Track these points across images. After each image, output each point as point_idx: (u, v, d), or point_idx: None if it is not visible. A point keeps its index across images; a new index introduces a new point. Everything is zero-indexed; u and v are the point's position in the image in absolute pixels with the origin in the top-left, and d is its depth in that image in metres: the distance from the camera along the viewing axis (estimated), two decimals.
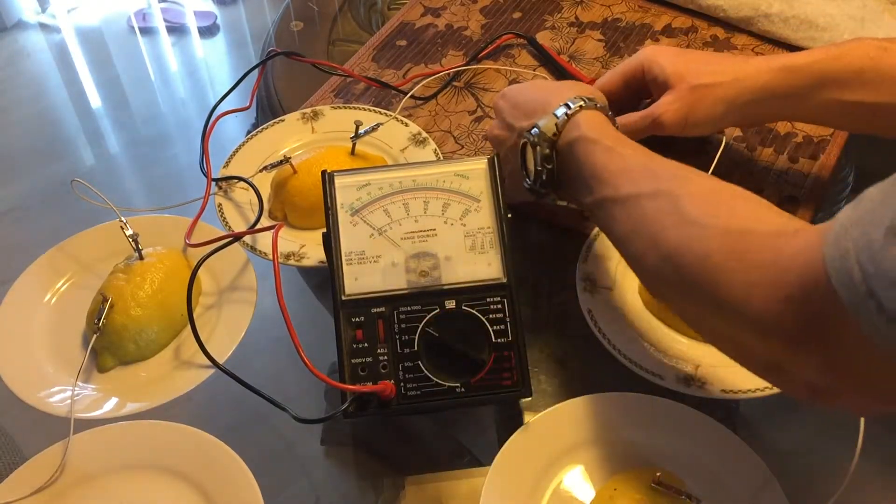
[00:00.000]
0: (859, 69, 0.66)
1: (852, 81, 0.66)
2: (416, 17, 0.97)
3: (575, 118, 0.60)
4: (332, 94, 0.88)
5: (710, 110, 0.69)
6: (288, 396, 0.59)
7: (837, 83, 0.66)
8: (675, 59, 0.70)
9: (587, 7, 0.98)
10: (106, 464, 0.59)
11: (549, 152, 0.60)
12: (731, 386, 0.61)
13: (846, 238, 0.38)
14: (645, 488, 0.54)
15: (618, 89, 0.75)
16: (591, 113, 0.60)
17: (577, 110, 0.60)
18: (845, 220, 0.39)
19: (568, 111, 0.60)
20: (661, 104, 0.70)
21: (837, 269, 0.38)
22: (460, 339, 0.57)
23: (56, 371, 0.64)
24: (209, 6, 1.19)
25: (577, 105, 0.60)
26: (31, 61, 1.12)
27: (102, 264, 0.70)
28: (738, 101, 0.68)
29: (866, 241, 0.37)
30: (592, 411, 0.60)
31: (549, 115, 0.61)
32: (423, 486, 0.62)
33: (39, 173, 0.94)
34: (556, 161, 0.60)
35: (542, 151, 0.60)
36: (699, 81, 0.69)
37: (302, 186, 0.71)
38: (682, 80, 0.69)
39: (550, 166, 0.60)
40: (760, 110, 0.70)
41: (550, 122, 0.60)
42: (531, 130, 0.61)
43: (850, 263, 0.37)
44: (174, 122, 1.03)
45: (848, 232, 0.38)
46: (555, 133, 0.60)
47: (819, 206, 0.75)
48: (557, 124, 0.60)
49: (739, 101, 0.68)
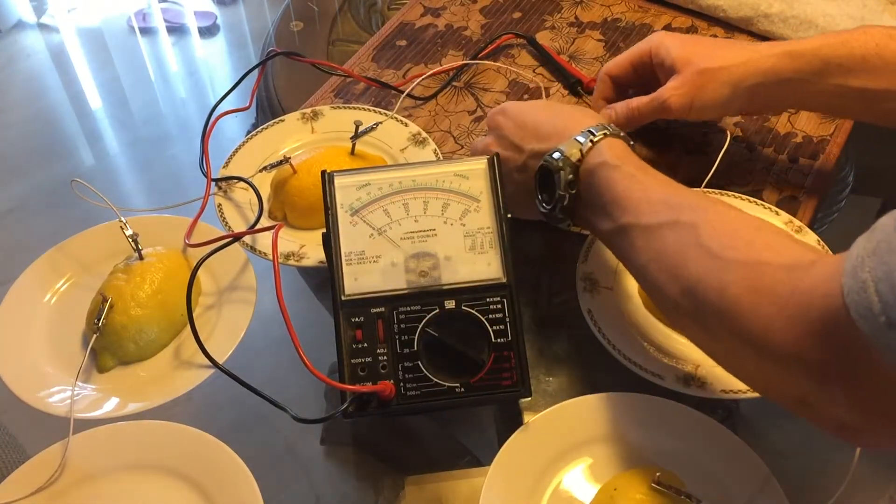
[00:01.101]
0: (864, 55, 0.66)
1: (857, 67, 0.66)
2: (416, 17, 0.97)
3: (598, 145, 0.59)
4: (332, 94, 0.88)
5: (716, 93, 0.69)
6: (288, 396, 0.59)
7: (842, 69, 0.66)
8: (683, 44, 0.71)
9: (587, 7, 0.98)
10: (106, 464, 0.59)
11: (572, 178, 0.60)
12: (731, 386, 0.61)
13: (863, 269, 0.37)
14: (645, 488, 0.54)
15: (626, 73, 0.76)
16: (614, 140, 0.60)
17: (602, 137, 0.60)
18: (861, 250, 0.38)
19: (592, 137, 0.60)
20: (668, 88, 0.70)
21: (856, 301, 0.37)
22: (460, 340, 0.57)
23: (56, 371, 0.64)
24: (209, 6, 1.18)
25: (601, 132, 0.60)
26: (31, 62, 1.12)
27: (102, 264, 0.70)
28: (743, 85, 0.68)
29: (884, 270, 0.36)
30: (592, 411, 0.60)
31: (570, 140, 0.60)
32: (423, 486, 0.62)
33: (39, 173, 0.93)
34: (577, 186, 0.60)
35: (566, 177, 0.59)
36: (705, 65, 0.69)
37: (302, 186, 0.71)
38: (688, 64, 0.69)
39: (573, 191, 0.60)
40: (766, 95, 0.69)
41: (574, 148, 0.60)
42: (552, 154, 0.60)
43: (868, 294, 0.36)
44: (174, 122, 1.03)
45: (864, 262, 0.37)
46: (579, 159, 0.59)
47: (819, 206, 0.75)
48: (582, 150, 0.59)
49: (745, 85, 0.68)
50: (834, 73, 0.67)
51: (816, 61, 0.67)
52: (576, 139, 0.60)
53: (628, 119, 0.73)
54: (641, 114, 0.72)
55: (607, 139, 0.60)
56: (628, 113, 0.73)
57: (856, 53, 0.66)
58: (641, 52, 0.74)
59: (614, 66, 0.76)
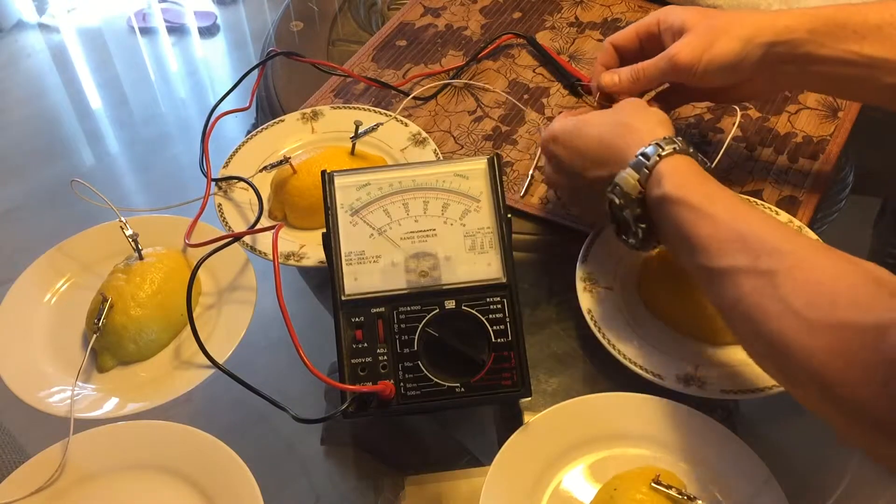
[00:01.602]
0: (879, 24, 0.64)
1: (871, 35, 0.64)
2: (416, 17, 0.97)
3: (656, 171, 0.56)
4: (332, 94, 0.88)
5: (726, 48, 0.65)
6: (288, 396, 0.59)
7: (857, 35, 0.65)
8: (693, 9, 0.68)
9: (587, 7, 0.98)
10: (106, 464, 0.59)
11: (640, 211, 0.57)
12: (731, 386, 0.61)
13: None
14: (645, 488, 0.54)
15: (631, 44, 0.72)
16: (673, 161, 0.56)
17: (657, 161, 0.56)
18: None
19: (647, 164, 0.56)
20: (677, 44, 0.66)
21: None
22: (460, 339, 0.57)
23: (56, 371, 0.64)
24: (209, 6, 1.18)
25: (654, 155, 0.56)
26: (31, 62, 1.12)
27: (102, 264, 0.70)
28: (755, 41, 0.65)
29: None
30: (592, 411, 0.60)
31: (625, 167, 0.57)
32: (423, 486, 0.62)
33: (39, 173, 0.94)
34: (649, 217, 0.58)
35: (634, 212, 0.57)
36: (717, 20, 0.66)
37: (302, 186, 0.71)
38: (699, 22, 0.66)
39: (645, 225, 0.58)
40: (778, 59, 0.66)
41: (631, 180, 0.57)
42: (613, 189, 0.58)
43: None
44: (174, 122, 1.03)
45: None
46: (640, 191, 0.57)
47: (819, 206, 0.75)
48: (640, 181, 0.57)
49: (757, 41, 0.65)
50: (848, 38, 0.65)
51: (831, 23, 0.65)
52: (631, 167, 0.57)
53: (633, 82, 0.69)
54: (647, 75, 0.68)
55: (664, 162, 0.56)
56: (633, 75, 0.69)
57: (871, 21, 0.64)
58: (649, 23, 0.70)
59: (619, 37, 0.72)
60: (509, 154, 0.81)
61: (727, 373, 0.62)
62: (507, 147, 0.82)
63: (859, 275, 0.47)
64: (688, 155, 0.58)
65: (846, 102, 0.83)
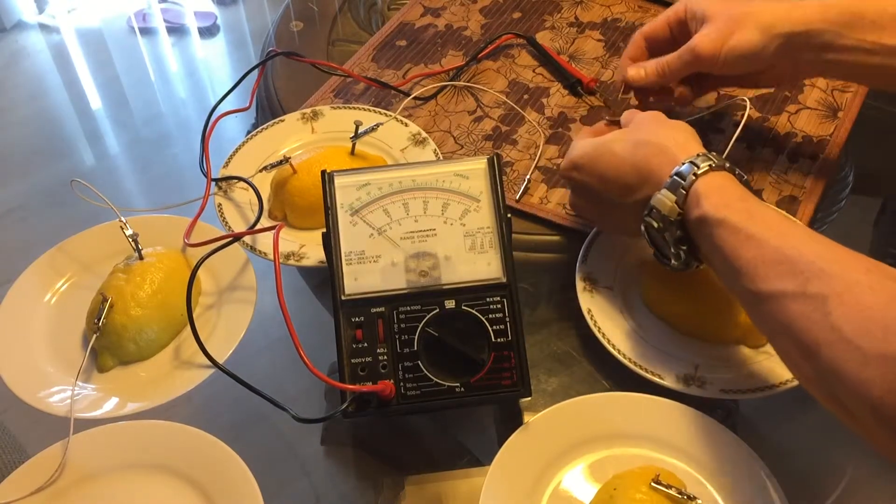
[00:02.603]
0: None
1: (890, 25, 0.64)
2: (416, 17, 0.97)
3: (693, 191, 0.55)
4: (332, 94, 0.88)
5: (746, 38, 0.67)
6: (288, 396, 0.59)
7: (875, 25, 0.65)
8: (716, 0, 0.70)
9: (587, 7, 0.98)
10: (106, 463, 0.59)
11: (681, 234, 0.56)
12: (731, 386, 0.61)
13: None
14: (645, 488, 0.54)
15: (662, 32, 0.74)
16: (710, 180, 0.55)
17: (693, 181, 0.55)
18: None
19: (683, 184, 0.55)
20: (698, 35, 0.68)
21: None
22: (460, 339, 0.57)
23: (56, 371, 0.64)
24: (209, 6, 1.18)
25: (690, 174, 0.55)
26: (31, 62, 1.12)
27: (102, 264, 0.70)
28: (774, 31, 0.66)
29: None
30: (592, 411, 0.60)
31: (661, 190, 0.56)
32: (423, 486, 0.62)
33: (39, 173, 0.94)
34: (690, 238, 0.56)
35: (674, 235, 0.56)
36: (737, 10, 0.67)
37: (302, 186, 0.71)
38: (719, 12, 0.68)
39: (686, 246, 0.57)
40: (797, 46, 0.67)
41: (668, 202, 0.56)
42: (650, 213, 0.57)
43: None
44: (174, 122, 1.03)
45: None
46: (679, 213, 0.55)
47: (819, 206, 0.75)
48: (677, 202, 0.55)
49: (776, 31, 0.66)
50: (866, 28, 0.65)
51: (848, 13, 0.65)
52: (666, 189, 0.56)
53: (659, 75, 0.72)
54: (671, 68, 0.70)
55: (701, 180, 0.55)
56: (658, 68, 0.72)
57: (889, 10, 0.64)
58: (677, 10, 0.73)
59: (650, 28, 0.75)
60: (509, 154, 0.81)
61: (727, 373, 0.62)
62: (507, 147, 0.82)
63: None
64: (724, 170, 0.56)
65: (846, 102, 0.83)
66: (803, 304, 0.47)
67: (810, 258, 0.49)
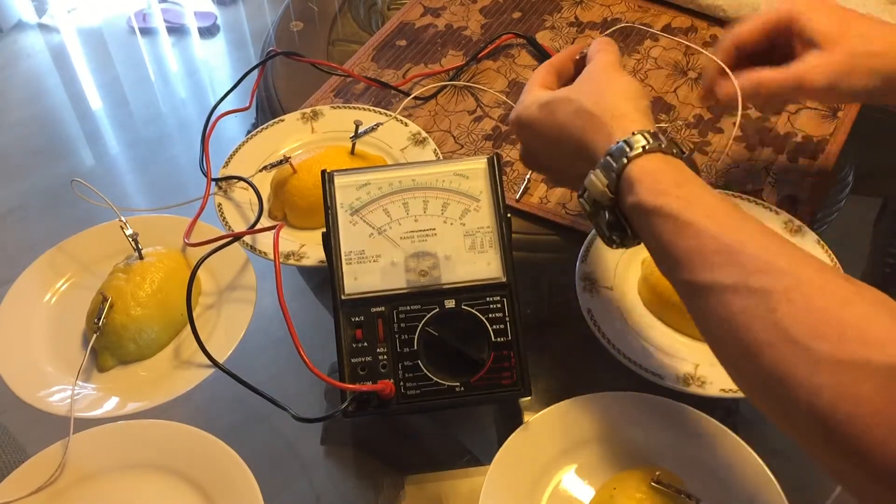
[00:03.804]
0: None
1: None
2: (416, 17, 0.97)
3: (626, 176, 0.50)
4: (332, 94, 0.88)
5: (864, 82, 0.60)
6: (288, 396, 0.59)
7: None
8: (830, 17, 0.62)
9: (587, 7, 0.98)
10: (106, 463, 0.59)
11: (613, 218, 0.52)
12: (731, 385, 0.60)
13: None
14: (645, 488, 0.54)
15: (758, 42, 0.65)
16: (643, 162, 0.50)
17: (624, 164, 0.50)
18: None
19: (613, 166, 0.50)
20: (809, 65, 0.60)
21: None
22: (460, 339, 0.57)
23: (56, 371, 0.64)
24: (209, 6, 1.18)
25: (623, 157, 0.50)
26: (31, 62, 1.12)
27: (102, 264, 0.70)
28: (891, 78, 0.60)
29: None
30: (592, 411, 0.60)
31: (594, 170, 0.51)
32: (423, 485, 0.62)
33: (39, 173, 0.94)
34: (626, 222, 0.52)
35: (605, 220, 0.52)
36: (857, 48, 0.60)
37: (302, 186, 0.71)
38: (835, 43, 0.60)
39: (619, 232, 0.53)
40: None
41: (600, 185, 0.51)
42: (582, 194, 0.53)
43: None
44: (174, 122, 1.03)
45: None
46: (611, 199, 0.51)
47: (819, 206, 0.75)
48: (609, 187, 0.51)
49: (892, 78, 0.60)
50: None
51: None
52: (599, 171, 0.51)
53: (754, 97, 0.63)
54: (770, 91, 0.62)
55: (634, 164, 0.50)
56: (754, 88, 0.63)
57: None
58: (780, 19, 0.63)
59: (745, 35, 0.64)
60: (509, 154, 0.81)
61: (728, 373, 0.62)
62: (507, 147, 0.82)
63: (868, 303, 0.41)
64: (661, 151, 0.51)
65: None
66: (745, 298, 0.43)
67: (754, 251, 0.44)
